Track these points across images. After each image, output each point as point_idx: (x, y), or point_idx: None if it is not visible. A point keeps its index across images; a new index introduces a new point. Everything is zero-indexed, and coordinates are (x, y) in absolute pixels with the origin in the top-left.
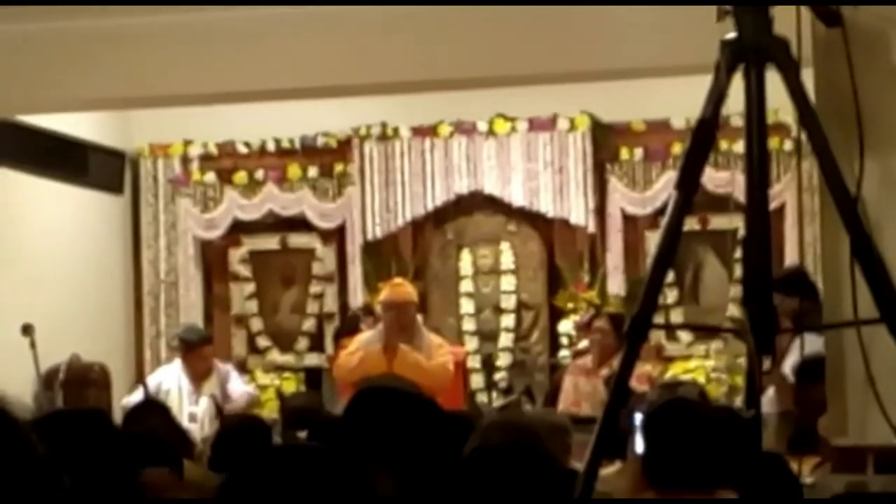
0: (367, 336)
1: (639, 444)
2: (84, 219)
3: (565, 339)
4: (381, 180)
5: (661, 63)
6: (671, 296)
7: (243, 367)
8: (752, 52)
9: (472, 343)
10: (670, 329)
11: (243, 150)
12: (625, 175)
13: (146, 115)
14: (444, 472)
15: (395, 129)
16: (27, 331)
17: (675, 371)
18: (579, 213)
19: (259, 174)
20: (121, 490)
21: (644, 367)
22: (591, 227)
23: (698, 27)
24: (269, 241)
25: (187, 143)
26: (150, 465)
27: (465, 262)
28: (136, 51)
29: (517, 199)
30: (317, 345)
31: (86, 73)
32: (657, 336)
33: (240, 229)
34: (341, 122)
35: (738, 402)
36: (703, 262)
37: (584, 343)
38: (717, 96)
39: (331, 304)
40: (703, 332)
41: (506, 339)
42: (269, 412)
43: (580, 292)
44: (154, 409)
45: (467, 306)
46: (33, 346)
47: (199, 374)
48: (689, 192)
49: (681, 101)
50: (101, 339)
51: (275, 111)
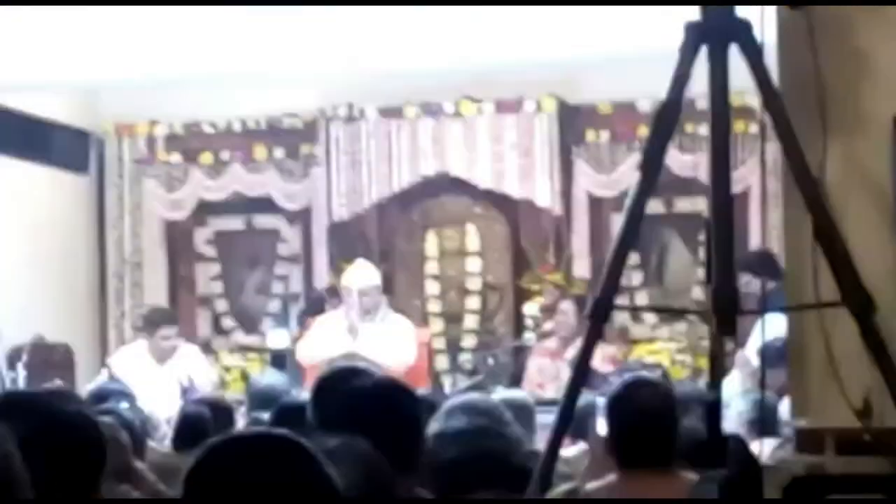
0: (330, 317)
1: (601, 426)
2: (49, 199)
3: (530, 322)
4: (347, 161)
5: (627, 45)
6: (636, 278)
7: (208, 348)
8: (716, 34)
9: (437, 324)
10: (634, 311)
11: (209, 130)
12: (591, 157)
13: (112, 95)
14: (407, 453)
15: (362, 111)
16: None
17: (640, 353)
18: (545, 195)
19: (225, 155)
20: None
21: (609, 349)
22: (557, 210)
23: (665, 9)
24: (235, 222)
25: (153, 123)
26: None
27: (431, 244)
28: (102, 30)
29: (483, 181)
30: (282, 326)
31: (51, 52)
32: (622, 318)
33: (205, 210)
34: (308, 103)
35: (703, 384)
36: (668, 244)
37: (549, 325)
38: (680, 78)
39: (296, 286)
40: (667, 314)
41: (471, 321)
42: (234, 393)
43: (546, 274)
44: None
45: (432, 288)
46: None
47: (161, 354)
48: (653, 173)
49: (647, 83)
50: (65, 320)
51: (241, 92)
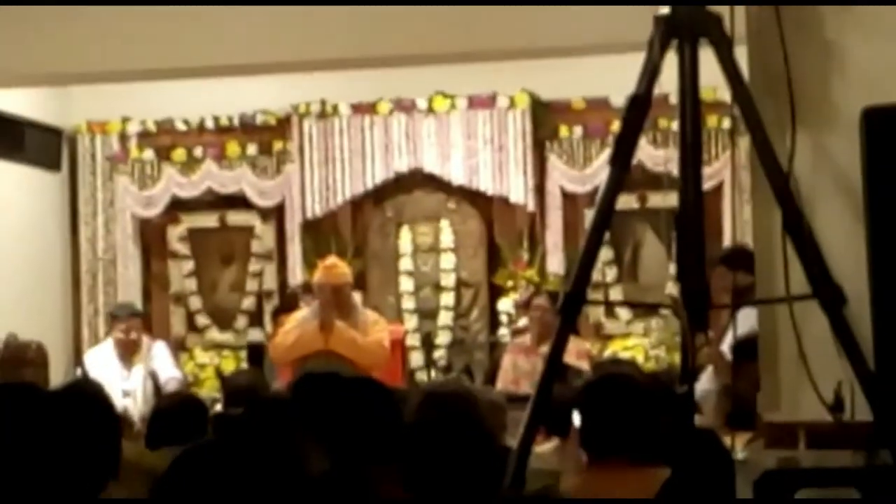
0: (303, 314)
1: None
2: (21, 196)
3: (505, 318)
4: (320, 158)
5: (600, 40)
6: (610, 274)
7: (182, 346)
8: (686, 27)
9: (411, 321)
10: (606, 305)
11: (182, 127)
12: (564, 153)
13: (84, 92)
14: (384, 448)
15: (335, 107)
16: None
17: (615, 349)
18: (519, 191)
19: (198, 152)
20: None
21: (584, 344)
22: (531, 206)
23: (637, 5)
24: (208, 219)
25: (125, 120)
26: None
27: (405, 240)
28: (74, 26)
29: (457, 176)
30: (256, 323)
31: (22, 48)
32: (596, 314)
33: (178, 207)
34: (280, 100)
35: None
36: (641, 239)
37: (523, 321)
38: (650, 72)
39: (270, 282)
40: (640, 308)
41: (445, 317)
42: (209, 391)
43: (520, 270)
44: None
45: (407, 284)
46: None
47: (126, 349)
48: (624, 167)
49: (620, 78)
50: (38, 318)
51: (214, 88)
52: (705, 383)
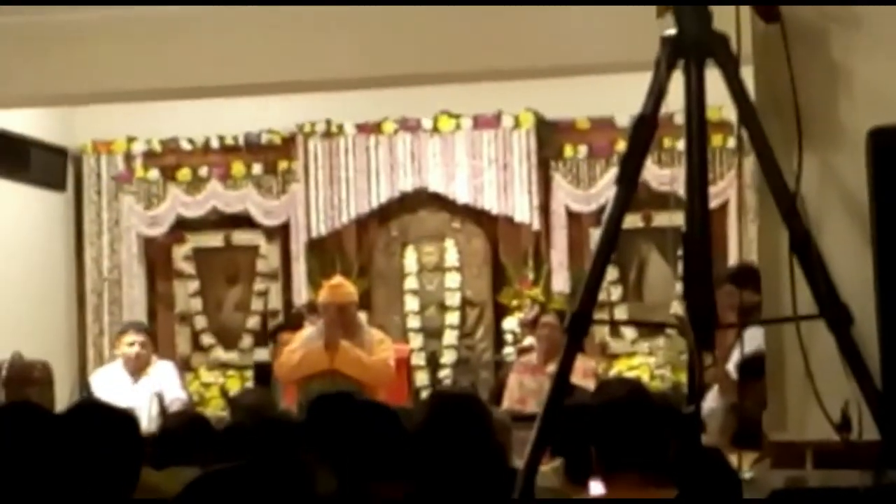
0: (308, 333)
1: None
2: (26, 216)
3: (510, 337)
4: (325, 177)
5: (605, 60)
6: (615, 293)
7: (187, 365)
8: (692, 48)
9: (416, 340)
10: (612, 325)
11: (187, 147)
12: (569, 172)
13: (89, 112)
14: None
15: (340, 127)
16: None
17: (620, 368)
18: (524, 210)
19: (203, 171)
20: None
21: (590, 363)
22: (536, 225)
23: (642, 24)
24: (213, 239)
25: (131, 139)
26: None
27: (410, 260)
28: (79, 47)
29: (462, 196)
30: (261, 342)
31: (28, 69)
32: (601, 333)
33: (183, 226)
34: (285, 120)
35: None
36: (647, 259)
37: (528, 340)
38: (657, 92)
39: (275, 302)
40: (646, 328)
41: (450, 337)
42: (214, 410)
43: (525, 289)
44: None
45: (412, 303)
46: None
47: (133, 365)
48: (630, 187)
49: (625, 98)
50: (43, 337)
51: (219, 108)
52: (710, 402)
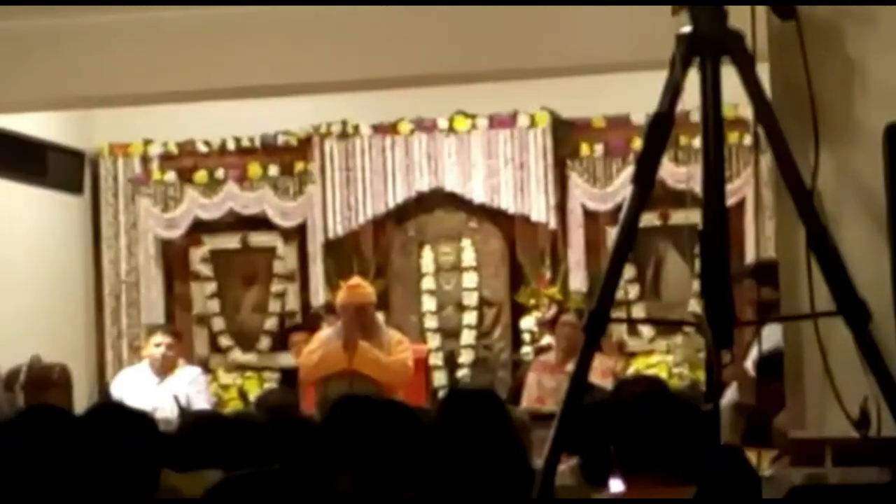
0: (326, 333)
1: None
2: (44, 219)
3: (527, 336)
4: (341, 178)
5: (621, 58)
6: (633, 291)
7: (205, 367)
8: (708, 45)
9: (434, 340)
10: (629, 323)
11: (203, 149)
12: (585, 171)
13: (106, 115)
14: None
15: (356, 127)
16: None
17: (638, 366)
18: (540, 209)
19: (219, 173)
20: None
21: (608, 362)
22: (553, 224)
23: (657, 22)
24: (230, 240)
25: (147, 142)
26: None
27: (427, 260)
28: (96, 50)
29: (478, 195)
30: (279, 343)
31: (45, 72)
32: (619, 331)
33: (201, 228)
34: (302, 121)
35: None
36: (664, 257)
37: (546, 340)
38: (672, 90)
39: (293, 303)
40: (663, 326)
41: (468, 336)
42: (232, 412)
43: (542, 288)
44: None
45: (429, 303)
46: None
47: (160, 366)
48: (647, 185)
49: (640, 96)
50: (61, 340)
51: (235, 110)
52: (729, 400)
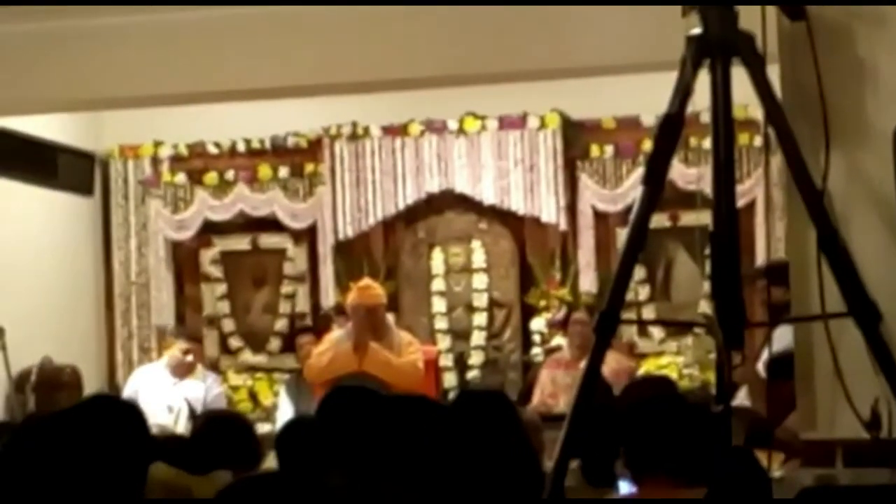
0: (337, 335)
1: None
2: (54, 221)
3: (537, 337)
4: (351, 180)
5: (631, 60)
6: (643, 292)
7: (216, 368)
8: (718, 47)
9: (444, 342)
10: (640, 324)
11: (213, 150)
12: (595, 172)
13: (116, 117)
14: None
15: (366, 129)
16: None
17: (648, 367)
18: (550, 210)
19: (230, 175)
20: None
21: (624, 362)
22: (563, 225)
23: (667, 23)
24: (241, 242)
25: (157, 144)
26: None
27: (437, 261)
28: (106, 52)
29: (488, 197)
30: (289, 345)
31: (55, 74)
32: (629, 332)
33: (211, 230)
34: (311, 122)
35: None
36: (674, 258)
37: (556, 340)
38: (683, 91)
39: (303, 305)
40: (674, 327)
41: (478, 338)
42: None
43: (552, 290)
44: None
45: (439, 305)
46: (4, 348)
47: (181, 370)
48: (657, 186)
49: (651, 98)
50: (72, 342)
51: (245, 112)
52: (741, 402)
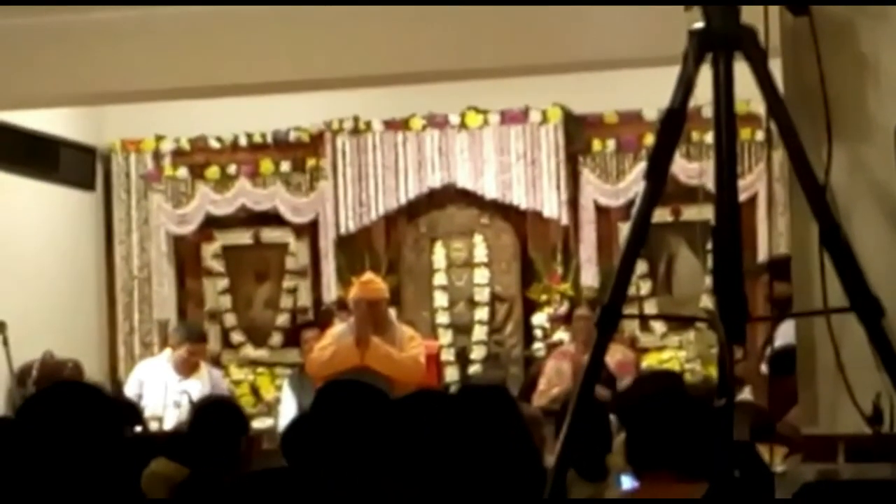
0: (339, 329)
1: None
2: (56, 215)
3: (539, 332)
4: (353, 174)
5: (632, 54)
6: (645, 287)
7: (217, 363)
8: (720, 41)
9: (446, 336)
10: (642, 319)
11: (215, 145)
12: (597, 167)
13: (118, 111)
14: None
15: (368, 123)
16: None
17: (650, 362)
18: (552, 205)
19: (231, 169)
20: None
21: (629, 355)
22: (564, 219)
23: (669, 18)
24: (242, 236)
25: (159, 138)
26: None
27: (439, 256)
28: (108, 46)
29: (490, 191)
30: (291, 339)
31: (56, 68)
32: (631, 327)
33: (212, 224)
34: (313, 117)
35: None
36: (676, 253)
37: (558, 335)
38: (685, 86)
39: (304, 299)
40: (676, 322)
41: (480, 332)
42: (244, 408)
43: (554, 284)
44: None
45: (441, 299)
46: (6, 343)
47: (188, 369)
48: (659, 181)
49: (652, 92)
50: (74, 336)
51: (247, 106)
52: (744, 397)
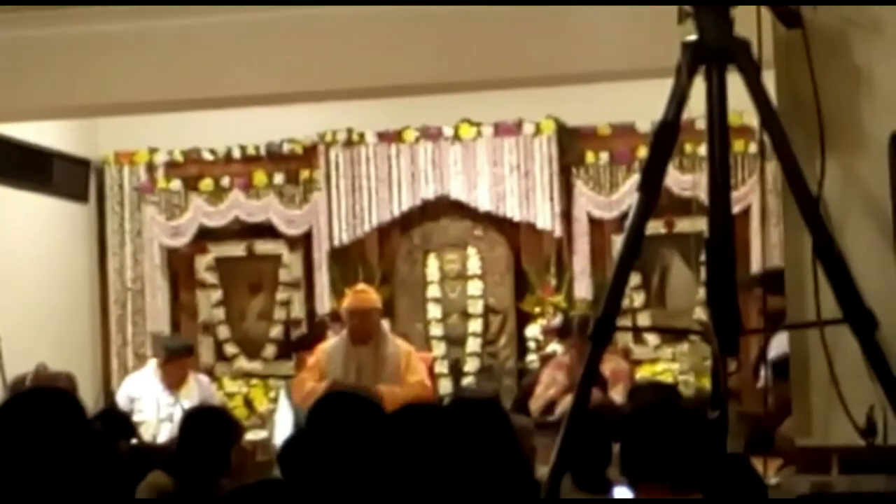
0: (330, 344)
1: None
2: (50, 227)
3: (533, 344)
4: (347, 186)
5: (626, 67)
6: (638, 299)
7: (211, 375)
8: (714, 53)
9: (439, 348)
10: (636, 331)
11: (209, 157)
12: (590, 179)
13: (111, 123)
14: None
15: (361, 135)
16: None
17: (643, 374)
18: (545, 217)
19: (225, 181)
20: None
21: (622, 364)
22: (558, 231)
23: (663, 31)
24: (236, 248)
25: (152, 150)
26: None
27: (432, 268)
28: (101, 59)
29: (483, 203)
30: (284, 352)
31: (50, 81)
32: (624, 339)
33: (206, 236)
34: (307, 129)
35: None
36: (669, 265)
37: (551, 347)
38: (678, 98)
39: (298, 311)
40: (669, 334)
41: (473, 344)
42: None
43: (547, 296)
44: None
45: (434, 311)
46: None
47: (174, 382)
48: (652, 193)
49: (646, 104)
50: (67, 348)
51: (240, 118)
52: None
